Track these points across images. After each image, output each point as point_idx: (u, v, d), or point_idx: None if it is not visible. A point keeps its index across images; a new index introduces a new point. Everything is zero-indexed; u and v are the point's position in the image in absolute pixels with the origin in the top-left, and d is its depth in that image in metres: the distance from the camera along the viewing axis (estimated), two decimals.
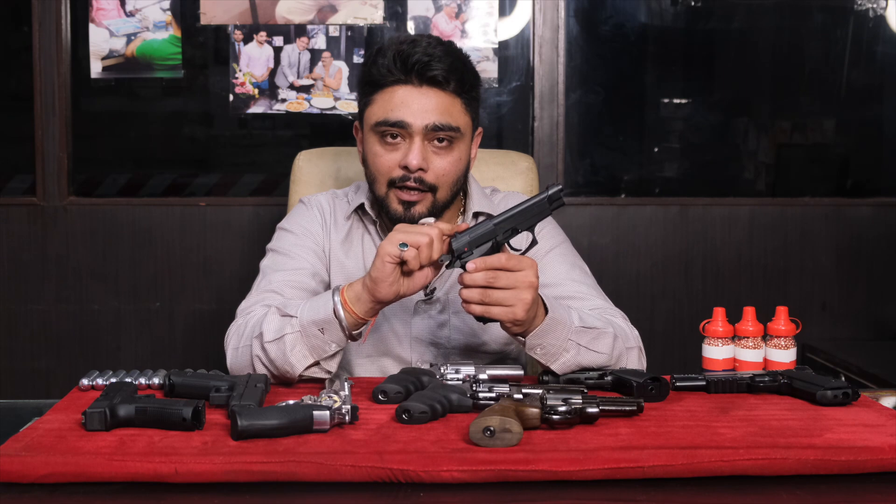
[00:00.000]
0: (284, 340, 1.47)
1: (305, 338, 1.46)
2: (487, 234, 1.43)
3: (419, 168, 1.61)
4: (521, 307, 1.39)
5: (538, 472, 1.12)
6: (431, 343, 1.71)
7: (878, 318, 2.97)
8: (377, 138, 1.64)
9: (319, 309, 1.47)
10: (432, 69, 1.60)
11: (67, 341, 2.85)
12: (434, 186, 1.64)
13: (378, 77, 1.63)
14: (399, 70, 1.61)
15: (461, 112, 1.65)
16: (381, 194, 1.67)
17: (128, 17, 2.83)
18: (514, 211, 1.44)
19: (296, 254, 1.70)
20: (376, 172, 1.66)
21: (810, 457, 1.15)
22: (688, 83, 3.04)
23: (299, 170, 2.09)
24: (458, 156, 1.66)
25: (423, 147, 1.62)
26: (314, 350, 1.47)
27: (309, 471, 1.12)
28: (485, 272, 1.39)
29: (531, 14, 2.87)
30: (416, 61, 1.60)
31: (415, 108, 1.61)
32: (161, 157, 2.96)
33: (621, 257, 2.91)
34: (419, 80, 1.61)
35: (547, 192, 1.44)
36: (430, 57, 1.61)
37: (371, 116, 1.65)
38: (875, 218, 2.96)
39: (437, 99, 1.62)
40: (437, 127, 1.61)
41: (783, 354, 1.56)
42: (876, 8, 2.98)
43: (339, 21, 2.84)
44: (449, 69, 1.62)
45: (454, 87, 1.63)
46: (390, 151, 1.63)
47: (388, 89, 1.62)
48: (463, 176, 1.70)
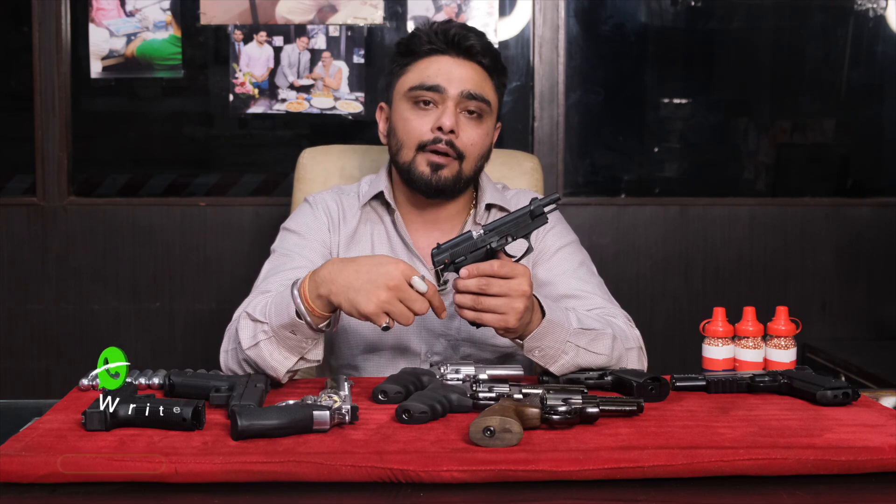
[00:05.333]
0: (260, 347, 1.46)
1: (280, 340, 1.45)
2: (469, 246, 1.43)
3: (451, 130, 1.65)
4: (513, 316, 1.39)
5: (538, 472, 1.12)
6: (442, 334, 1.72)
7: (878, 318, 2.97)
8: (409, 105, 1.69)
9: (283, 312, 1.44)
10: (470, 39, 1.69)
11: (67, 341, 2.85)
12: (462, 154, 1.68)
13: (416, 47, 1.70)
14: (439, 40, 1.69)
15: (491, 89, 1.72)
16: (407, 160, 1.69)
17: (128, 17, 2.83)
18: (501, 223, 1.44)
19: (297, 254, 1.69)
20: (405, 137, 1.69)
21: (810, 457, 1.15)
22: (688, 83, 3.04)
23: (303, 167, 2.08)
24: (487, 130, 1.72)
25: (455, 112, 1.67)
26: (293, 349, 1.46)
27: (309, 471, 1.12)
28: (477, 279, 1.39)
29: (531, 14, 2.87)
30: (454, 34, 1.68)
31: (451, 75, 1.67)
32: (161, 157, 2.96)
33: (621, 257, 2.91)
34: (457, 51, 1.69)
35: (529, 207, 1.44)
36: (467, 30, 1.70)
37: (405, 83, 1.70)
38: (875, 218, 2.96)
39: (473, 71, 1.69)
40: (472, 95, 1.67)
41: (783, 354, 1.56)
42: (876, 8, 2.98)
43: (339, 21, 2.84)
44: (485, 45, 1.70)
45: (488, 63, 1.70)
46: (422, 116, 1.68)
47: (425, 59, 1.70)
48: (488, 152, 1.75)
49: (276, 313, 1.45)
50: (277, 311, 1.45)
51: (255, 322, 1.47)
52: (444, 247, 1.44)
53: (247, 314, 1.49)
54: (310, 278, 1.43)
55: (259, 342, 1.46)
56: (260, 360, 1.46)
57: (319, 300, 1.41)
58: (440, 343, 1.72)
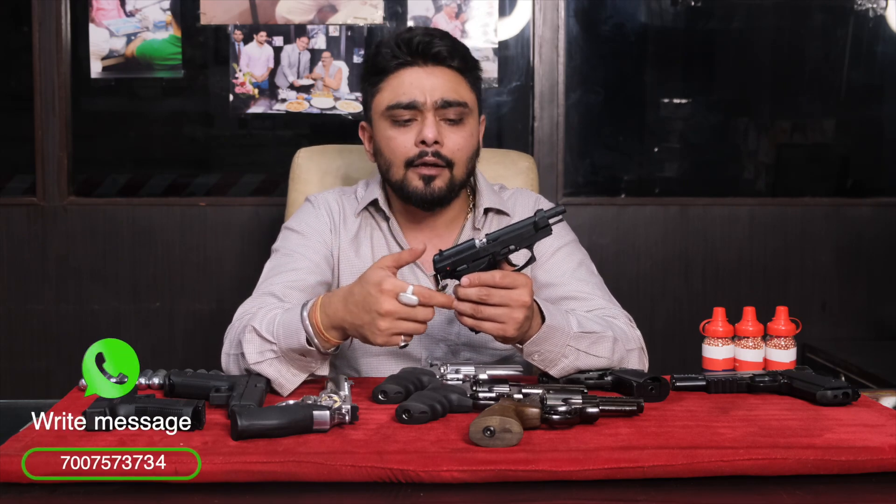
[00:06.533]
0: (268, 364, 1.45)
1: (289, 360, 1.45)
2: (472, 255, 1.43)
3: (435, 141, 1.64)
4: (512, 325, 1.39)
5: (538, 472, 1.12)
6: (442, 339, 1.71)
7: (878, 318, 2.97)
8: (388, 123, 1.67)
9: (292, 337, 1.42)
10: (435, 46, 1.66)
11: (67, 341, 2.84)
12: (451, 161, 1.66)
13: (384, 64, 1.67)
14: (404, 52, 1.65)
15: (467, 89, 1.70)
16: (398, 178, 1.68)
17: (128, 17, 2.83)
18: (504, 233, 1.44)
19: (300, 254, 1.69)
20: (391, 156, 1.68)
21: (810, 457, 1.15)
22: (688, 83, 3.04)
23: (298, 167, 2.08)
24: (470, 131, 1.70)
25: (436, 123, 1.65)
26: (302, 368, 1.46)
27: (309, 471, 1.12)
28: (478, 288, 1.39)
29: (531, 14, 2.87)
30: (418, 42, 1.65)
31: (424, 86, 1.65)
32: (161, 157, 2.96)
33: (621, 257, 2.91)
34: (424, 59, 1.66)
35: (534, 219, 1.44)
36: (430, 36, 1.67)
37: (381, 103, 1.68)
38: (875, 218, 2.96)
39: (444, 76, 1.66)
40: (447, 102, 1.65)
41: (783, 354, 1.56)
42: (876, 8, 2.98)
43: (339, 21, 2.84)
44: (451, 47, 1.68)
45: (458, 64, 1.68)
46: (404, 133, 1.66)
47: (394, 74, 1.66)
48: (476, 154, 1.73)
49: (286, 336, 1.43)
50: (286, 335, 1.43)
51: (263, 340, 1.45)
52: (446, 254, 1.44)
53: (253, 329, 1.47)
54: (321, 310, 1.41)
55: (266, 360, 1.45)
56: (267, 376, 1.45)
57: (335, 331, 1.41)
58: (440, 348, 1.72)
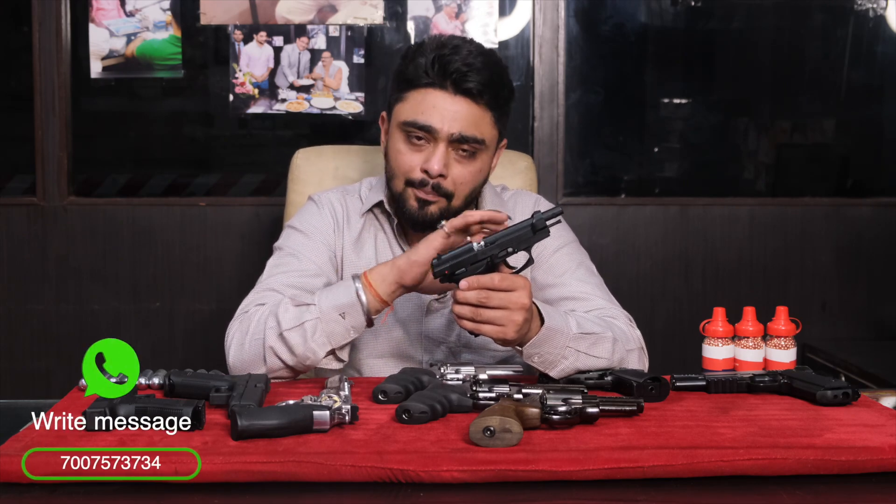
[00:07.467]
0: (305, 327, 1.49)
1: (325, 324, 1.49)
2: (470, 258, 1.43)
3: (439, 174, 1.62)
4: (512, 328, 1.40)
5: (538, 472, 1.12)
6: (442, 342, 1.72)
7: (878, 318, 2.97)
8: (403, 136, 1.65)
9: (340, 294, 1.51)
10: (468, 81, 1.60)
11: (67, 341, 2.84)
12: (450, 194, 1.65)
13: (413, 76, 1.63)
14: (436, 74, 1.61)
15: (489, 125, 1.65)
16: (398, 190, 1.67)
17: (128, 17, 2.83)
18: (502, 236, 1.43)
19: (303, 255, 1.69)
20: (396, 169, 1.67)
21: (810, 457, 1.15)
22: (688, 83, 3.04)
23: (297, 168, 2.08)
24: (480, 167, 1.67)
25: (446, 154, 1.62)
26: (332, 337, 1.50)
27: (309, 471, 1.12)
28: (477, 291, 1.39)
29: (531, 14, 2.87)
30: (454, 70, 1.60)
31: (445, 114, 1.61)
32: (161, 157, 2.96)
33: (621, 257, 2.91)
34: (454, 88, 1.61)
35: (531, 221, 1.43)
36: (468, 67, 1.60)
37: (400, 113, 1.65)
38: (875, 218, 2.96)
39: (469, 110, 1.62)
40: (463, 138, 1.62)
41: (783, 354, 1.56)
42: (876, 8, 2.98)
43: (339, 21, 2.84)
44: (485, 83, 1.62)
45: (487, 101, 1.63)
46: (414, 152, 1.64)
47: (421, 90, 1.63)
48: (480, 186, 1.71)
49: (330, 296, 1.51)
50: (331, 295, 1.51)
51: (301, 306, 1.51)
52: (444, 258, 1.44)
53: (289, 300, 1.53)
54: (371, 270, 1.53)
55: (304, 322, 1.49)
56: (300, 341, 1.49)
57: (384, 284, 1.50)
58: (441, 351, 1.72)
